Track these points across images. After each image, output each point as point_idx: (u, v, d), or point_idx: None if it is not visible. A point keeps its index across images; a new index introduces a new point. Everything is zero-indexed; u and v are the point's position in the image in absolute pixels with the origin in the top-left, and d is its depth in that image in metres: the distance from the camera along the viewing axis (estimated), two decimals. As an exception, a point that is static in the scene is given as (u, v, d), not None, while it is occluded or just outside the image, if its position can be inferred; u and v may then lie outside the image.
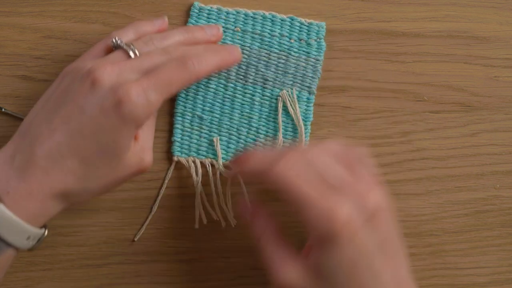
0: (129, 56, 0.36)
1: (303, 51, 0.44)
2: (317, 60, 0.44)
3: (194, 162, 0.43)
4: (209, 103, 0.43)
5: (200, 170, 0.43)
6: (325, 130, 0.44)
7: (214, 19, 0.44)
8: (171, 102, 0.43)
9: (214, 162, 0.43)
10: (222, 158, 0.43)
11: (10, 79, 0.43)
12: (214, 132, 0.43)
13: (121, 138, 0.34)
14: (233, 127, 0.43)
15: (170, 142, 0.43)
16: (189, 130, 0.43)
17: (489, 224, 0.44)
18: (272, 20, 0.44)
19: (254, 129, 0.43)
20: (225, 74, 0.43)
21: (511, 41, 0.45)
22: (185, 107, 0.43)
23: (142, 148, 0.36)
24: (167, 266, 0.43)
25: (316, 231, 0.34)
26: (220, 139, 0.43)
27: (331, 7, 0.45)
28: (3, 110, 0.43)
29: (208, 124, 0.43)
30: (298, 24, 0.44)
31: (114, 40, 0.37)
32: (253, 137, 0.43)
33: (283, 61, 0.44)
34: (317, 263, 0.34)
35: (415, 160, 0.44)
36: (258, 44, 0.44)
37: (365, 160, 0.37)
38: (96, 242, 0.43)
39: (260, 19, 0.44)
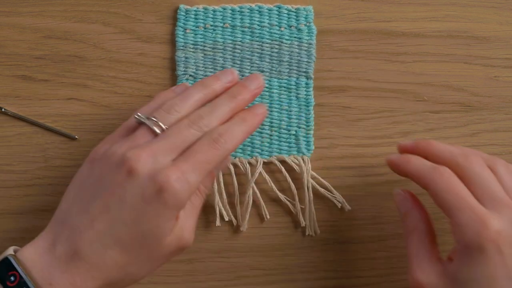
0: (154, 132, 0.35)
1: (295, 37, 0.44)
2: (310, 44, 0.44)
3: None
4: None
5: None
6: (325, 130, 0.44)
7: (202, 19, 0.44)
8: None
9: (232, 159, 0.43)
10: (239, 155, 0.43)
11: (10, 79, 0.43)
12: None
13: (163, 222, 0.34)
14: None
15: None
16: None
17: (489, 224, 0.44)
18: (260, 11, 0.44)
19: None
20: None
21: (511, 41, 0.45)
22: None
23: (181, 227, 0.36)
24: (167, 266, 0.43)
25: (464, 236, 0.34)
26: None
27: (331, 7, 0.45)
28: (3, 110, 0.43)
29: None
30: (285, 12, 0.44)
31: (136, 116, 0.36)
32: (259, 129, 0.43)
33: (276, 50, 0.44)
34: (456, 271, 0.34)
35: (415, 160, 0.44)
36: (249, 37, 0.44)
37: None
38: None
39: (248, 12, 0.44)
